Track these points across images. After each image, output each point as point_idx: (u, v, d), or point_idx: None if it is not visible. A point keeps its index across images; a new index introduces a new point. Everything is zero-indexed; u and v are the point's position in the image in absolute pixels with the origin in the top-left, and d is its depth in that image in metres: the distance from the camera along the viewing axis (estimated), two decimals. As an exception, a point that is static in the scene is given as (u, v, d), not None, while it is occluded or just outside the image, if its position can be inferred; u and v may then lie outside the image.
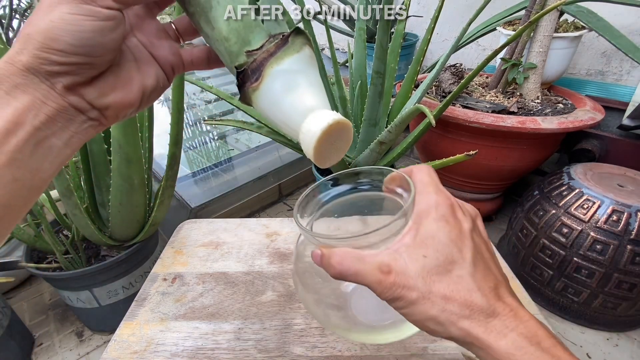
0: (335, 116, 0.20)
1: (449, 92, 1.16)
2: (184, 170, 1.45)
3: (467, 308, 0.19)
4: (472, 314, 0.19)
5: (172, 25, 0.25)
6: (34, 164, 0.19)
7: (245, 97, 0.21)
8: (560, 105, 1.12)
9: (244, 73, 0.20)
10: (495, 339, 0.18)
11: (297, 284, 0.30)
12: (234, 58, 0.20)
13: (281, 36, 0.20)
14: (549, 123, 0.95)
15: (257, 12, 0.20)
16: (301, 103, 0.20)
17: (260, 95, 0.20)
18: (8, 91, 0.18)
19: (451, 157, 0.72)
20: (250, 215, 1.38)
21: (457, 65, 1.25)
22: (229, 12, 0.20)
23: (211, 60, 0.26)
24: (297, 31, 0.20)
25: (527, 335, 0.18)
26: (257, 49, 0.20)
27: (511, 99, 1.11)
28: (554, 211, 0.92)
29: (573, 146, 1.18)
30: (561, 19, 1.09)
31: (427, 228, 0.20)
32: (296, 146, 1.01)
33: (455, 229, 0.20)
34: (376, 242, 0.21)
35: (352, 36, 1.78)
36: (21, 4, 1.23)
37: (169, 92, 0.58)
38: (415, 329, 0.28)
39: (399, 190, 0.26)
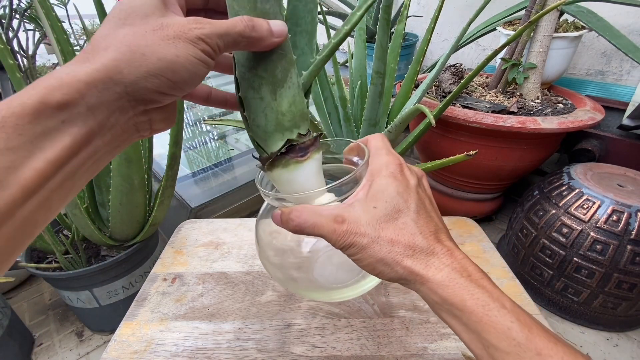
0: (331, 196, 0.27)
1: (449, 92, 1.16)
2: (184, 170, 1.44)
3: (410, 249, 0.22)
4: (414, 253, 0.22)
5: None
6: (82, 181, 0.18)
7: (281, 162, 0.25)
8: (560, 105, 1.12)
9: (293, 147, 0.25)
10: (433, 273, 0.21)
11: (260, 254, 0.33)
12: (283, 130, 0.25)
13: (317, 134, 0.27)
14: (549, 123, 0.95)
15: (307, 108, 0.27)
16: (323, 184, 0.27)
17: (299, 168, 0.26)
18: (92, 107, 0.16)
19: (451, 157, 0.71)
20: (250, 215, 1.38)
21: (457, 65, 1.25)
22: (295, 99, 0.25)
23: (210, 100, 0.28)
24: (322, 135, 0.27)
25: (459, 270, 0.21)
26: (305, 134, 0.26)
27: (511, 99, 1.11)
28: (554, 211, 0.92)
29: (573, 146, 1.18)
30: (561, 19, 1.09)
31: (378, 184, 0.23)
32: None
33: (402, 184, 0.23)
34: (333, 199, 0.26)
35: (352, 36, 1.78)
36: (21, 4, 1.23)
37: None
38: (371, 285, 0.32)
39: (357, 159, 0.30)
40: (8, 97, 0.15)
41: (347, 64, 1.01)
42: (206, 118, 1.89)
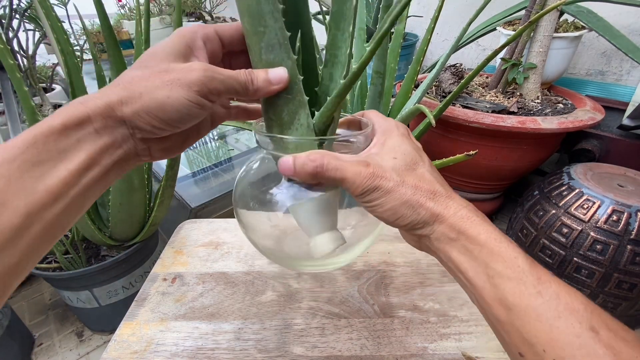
0: (340, 240, 0.28)
1: (449, 92, 1.16)
2: (184, 170, 1.44)
3: (432, 193, 0.24)
4: (435, 197, 0.24)
5: None
6: (97, 192, 0.21)
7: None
8: (560, 105, 1.12)
9: (295, 181, 0.27)
10: (453, 212, 0.23)
11: (241, 221, 0.32)
12: None
13: None
14: (549, 123, 0.95)
15: (320, 146, 0.26)
16: (328, 222, 0.28)
17: (297, 205, 0.27)
18: (98, 130, 0.20)
19: (451, 157, 0.71)
20: (250, 215, 1.38)
21: (457, 65, 1.25)
22: (301, 142, 0.26)
23: (250, 114, 0.32)
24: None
25: (474, 211, 0.24)
26: None
27: (511, 99, 1.11)
28: (554, 211, 0.92)
29: (573, 146, 1.18)
30: (561, 19, 1.09)
31: (392, 141, 0.26)
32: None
33: (414, 143, 0.26)
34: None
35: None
36: (21, 4, 1.23)
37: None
38: (358, 253, 0.33)
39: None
40: (40, 121, 0.19)
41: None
42: (206, 118, 1.89)
